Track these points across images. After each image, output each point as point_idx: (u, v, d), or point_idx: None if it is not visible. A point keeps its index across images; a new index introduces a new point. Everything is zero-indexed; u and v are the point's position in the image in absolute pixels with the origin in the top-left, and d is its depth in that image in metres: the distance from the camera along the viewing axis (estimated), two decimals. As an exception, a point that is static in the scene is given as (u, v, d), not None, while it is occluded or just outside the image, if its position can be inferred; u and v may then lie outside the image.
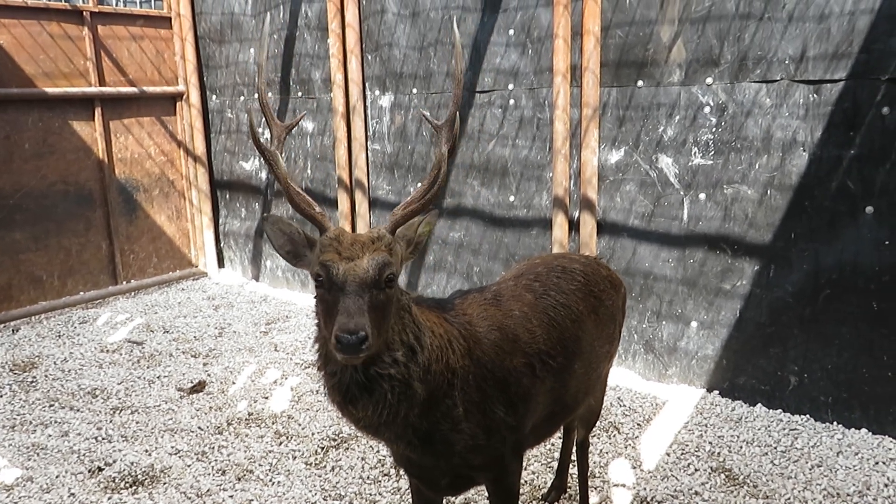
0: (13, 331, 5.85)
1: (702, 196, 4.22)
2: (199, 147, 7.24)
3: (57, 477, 3.60)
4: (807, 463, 3.57)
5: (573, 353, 2.48)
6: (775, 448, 3.73)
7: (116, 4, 6.79)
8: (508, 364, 2.24)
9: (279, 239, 2.09)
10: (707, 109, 4.13)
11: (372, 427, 2.04)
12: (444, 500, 3.03)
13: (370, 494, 3.40)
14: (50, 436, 4.04)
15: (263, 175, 6.98)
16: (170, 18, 7.01)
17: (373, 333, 1.80)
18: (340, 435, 3.97)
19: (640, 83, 4.36)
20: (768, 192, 3.98)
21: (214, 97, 7.30)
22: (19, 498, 3.42)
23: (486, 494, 2.43)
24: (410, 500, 3.31)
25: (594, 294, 2.66)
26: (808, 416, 4.01)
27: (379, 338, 1.87)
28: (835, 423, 3.93)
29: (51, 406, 4.43)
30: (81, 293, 6.54)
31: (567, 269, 2.68)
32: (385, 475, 3.57)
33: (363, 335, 1.76)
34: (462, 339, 2.16)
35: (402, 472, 3.57)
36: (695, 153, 4.21)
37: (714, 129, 4.12)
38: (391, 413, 1.97)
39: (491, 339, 2.24)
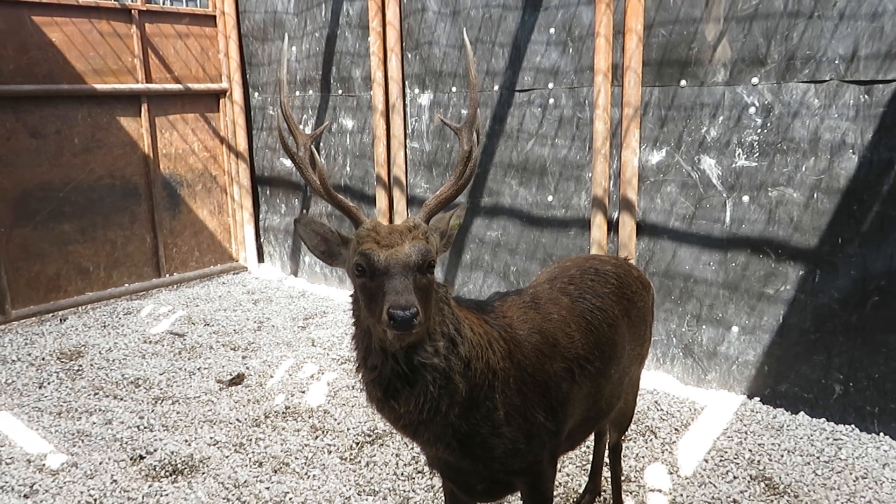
0: (61, 320, 6.02)
1: (745, 198, 4.14)
2: (242, 143, 7.35)
3: (100, 463, 3.70)
4: (851, 474, 3.48)
5: (610, 357, 2.46)
6: (818, 458, 3.64)
7: (163, 3, 6.93)
8: (549, 368, 2.22)
9: (313, 239, 2.10)
10: (752, 110, 4.04)
11: (412, 425, 2.02)
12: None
13: (404, 491, 3.42)
14: (94, 423, 4.15)
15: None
16: (214, 16, 7.13)
17: (422, 312, 1.81)
18: (375, 431, 3.99)
19: (682, 83, 4.28)
20: (815, 195, 3.88)
21: (257, 94, 7.40)
22: (64, 483, 3.53)
23: (521, 498, 2.42)
24: (443, 499, 3.32)
25: (627, 297, 2.63)
26: (853, 425, 3.90)
27: (426, 320, 1.88)
28: (881, 433, 3.81)
29: (95, 394, 4.56)
30: (126, 285, 6.70)
31: (600, 272, 2.65)
32: (419, 472, 3.59)
33: (415, 310, 1.76)
34: (502, 342, 2.14)
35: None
36: (739, 154, 4.13)
37: (759, 130, 4.03)
38: (432, 408, 1.95)
39: (532, 342, 2.22)
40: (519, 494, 2.44)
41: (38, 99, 5.98)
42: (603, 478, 3.35)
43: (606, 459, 3.21)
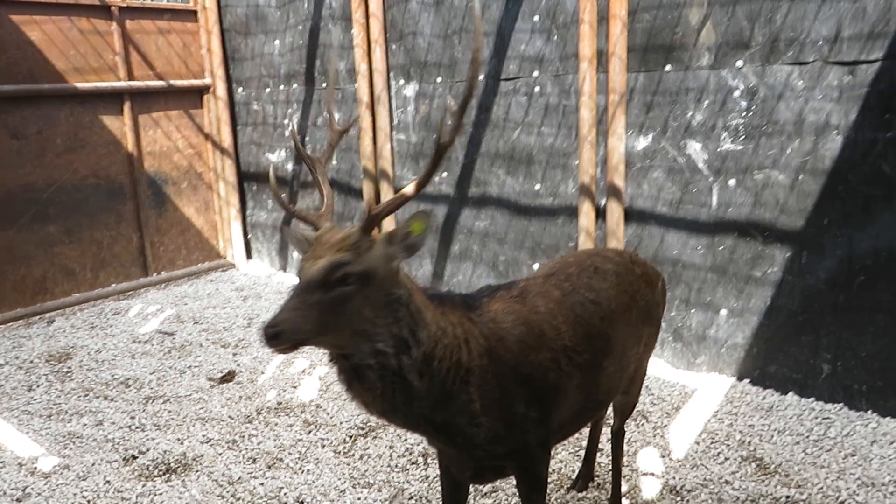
0: (48, 322, 5.98)
1: (731, 182, 4.15)
2: (226, 139, 7.30)
3: (93, 465, 3.68)
4: (840, 452, 3.51)
5: (601, 350, 2.47)
6: (807, 437, 3.67)
7: (143, -1, 6.87)
8: (534, 359, 2.26)
9: (299, 245, 2.17)
10: (737, 93, 4.05)
11: (378, 412, 2.10)
12: (472, 489, 3.04)
13: (398, 482, 3.42)
14: (85, 425, 4.13)
15: (290, 166, 7.03)
16: (195, 12, 7.06)
17: (311, 329, 1.89)
18: (368, 424, 3.99)
19: (667, 68, 4.29)
20: (800, 177, 3.90)
21: (241, 89, 7.35)
22: (57, 485, 3.51)
23: (514, 482, 2.45)
24: (439, 488, 3.33)
25: (627, 293, 2.63)
26: (841, 404, 3.94)
27: (323, 333, 1.93)
28: (869, 411, 3.85)
29: (85, 396, 4.53)
30: (113, 285, 6.66)
31: (600, 269, 2.65)
32: (413, 464, 3.59)
33: (275, 331, 1.85)
34: (482, 338, 2.18)
35: (429, 460, 3.59)
36: (724, 138, 4.14)
37: (744, 114, 4.04)
38: (387, 401, 2.03)
39: (515, 334, 2.25)
40: (516, 480, 2.46)
41: (18, 99, 5.91)
42: (596, 463, 3.37)
43: (602, 446, 3.23)
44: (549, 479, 3.37)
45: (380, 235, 2.07)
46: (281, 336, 1.86)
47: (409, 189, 2.12)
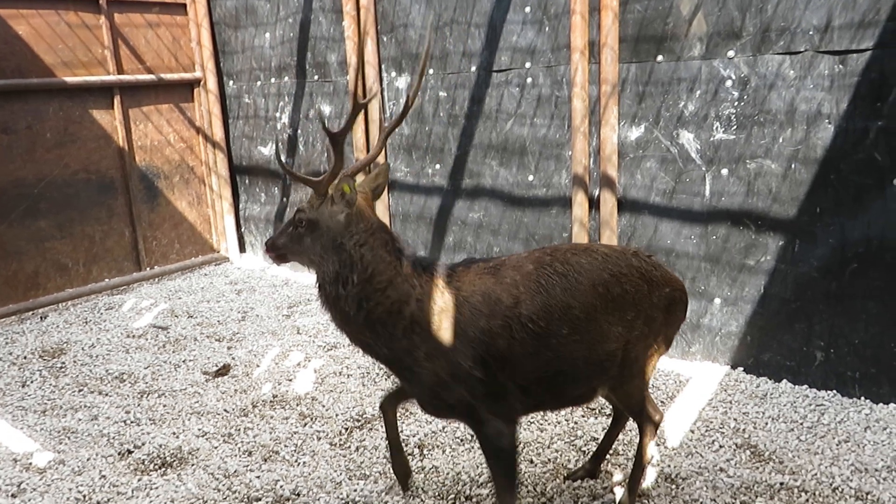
0: (41, 318, 5.95)
1: (724, 171, 4.16)
2: (218, 133, 7.27)
3: (88, 460, 3.67)
4: (834, 438, 3.54)
5: (560, 319, 2.60)
6: (801, 424, 3.70)
7: (132, -8, 6.80)
8: (484, 325, 2.57)
9: None
10: (729, 83, 4.06)
11: (336, 326, 2.73)
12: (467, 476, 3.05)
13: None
14: (80, 420, 4.12)
15: (282, 159, 6.99)
16: (185, 5, 7.01)
17: (282, 245, 2.79)
18: (364, 416, 4.00)
19: (659, 58, 4.29)
20: (792, 165, 3.92)
21: (231, 83, 7.31)
22: (52, 480, 3.50)
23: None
24: (436, 480, 3.34)
25: (611, 273, 2.69)
26: (834, 391, 3.97)
27: (292, 252, 2.80)
28: (862, 398, 3.88)
29: (80, 391, 4.52)
30: (106, 280, 6.63)
31: (589, 249, 2.77)
32: (409, 455, 3.60)
33: (268, 244, 2.82)
34: (439, 301, 2.60)
35: (425, 451, 3.60)
36: (717, 128, 4.15)
37: (736, 103, 4.05)
38: (333, 319, 2.70)
39: (471, 302, 2.60)
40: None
41: (6, 94, 5.85)
42: (602, 465, 3.37)
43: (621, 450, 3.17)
44: (545, 469, 3.39)
45: (320, 197, 2.71)
46: (270, 247, 2.81)
47: (349, 168, 2.76)
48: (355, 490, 3.30)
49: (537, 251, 2.78)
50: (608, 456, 3.44)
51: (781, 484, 3.17)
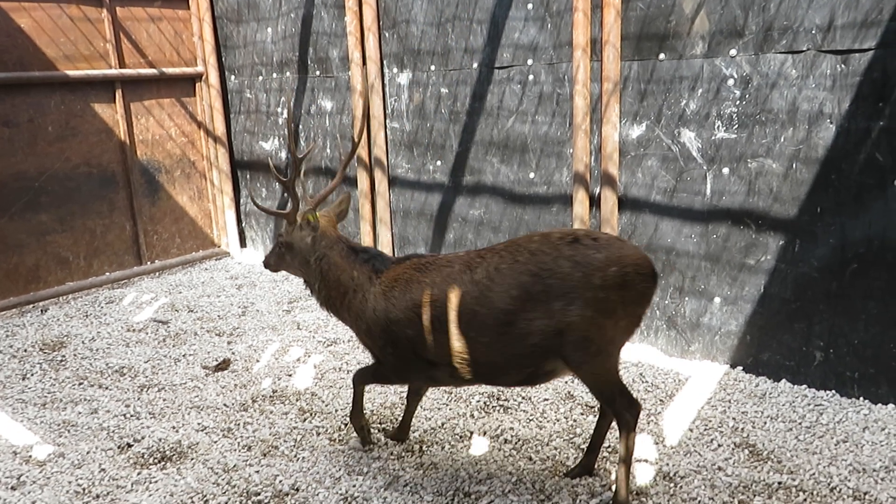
0: (42, 311, 5.96)
1: (725, 170, 4.16)
2: (219, 128, 7.26)
3: (88, 453, 3.68)
4: (832, 438, 3.55)
5: (467, 323, 2.91)
6: (800, 424, 3.71)
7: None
8: (393, 316, 3.12)
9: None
10: (731, 82, 4.05)
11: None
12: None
13: (393, 469, 3.44)
14: (80, 413, 4.13)
15: (283, 155, 7.00)
16: (187, -1, 7.01)
17: (273, 263, 3.64)
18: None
19: (661, 56, 4.28)
20: (794, 165, 3.91)
21: (233, 77, 7.31)
22: (52, 473, 3.51)
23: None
24: (435, 476, 3.35)
25: (532, 273, 2.82)
26: (833, 391, 3.97)
27: (281, 268, 3.63)
28: (861, 398, 3.89)
29: (80, 384, 4.52)
30: (107, 273, 6.64)
31: (524, 246, 2.92)
32: (408, 451, 3.61)
33: (263, 262, 3.72)
34: (370, 294, 3.23)
35: (424, 448, 3.61)
36: (718, 127, 4.15)
37: (738, 102, 4.05)
38: (319, 302, 3.51)
39: (389, 295, 3.16)
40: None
41: (8, 87, 5.85)
42: (600, 462, 3.38)
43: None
44: (544, 466, 3.41)
45: (290, 225, 3.48)
46: (265, 265, 3.70)
47: (315, 197, 3.53)
48: (354, 486, 3.30)
49: (474, 252, 3.07)
50: (608, 454, 3.44)
51: (779, 483, 3.18)
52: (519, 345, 2.89)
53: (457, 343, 2.98)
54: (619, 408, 2.97)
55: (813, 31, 3.72)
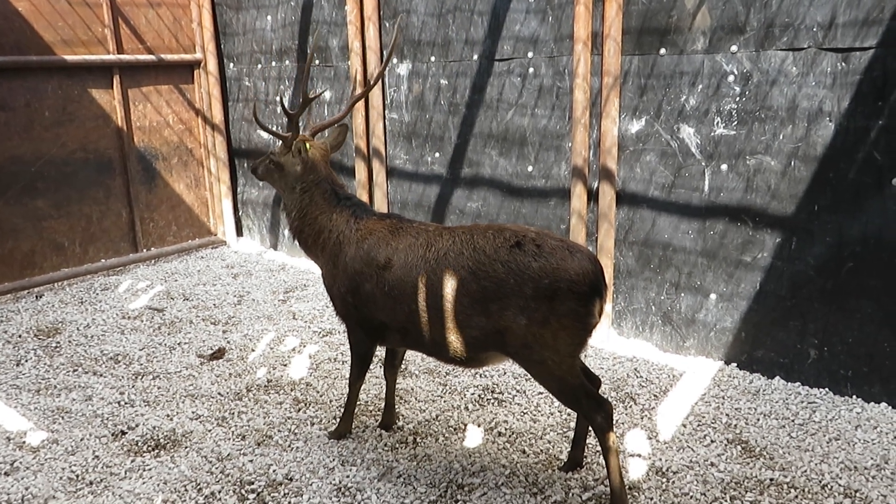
0: (37, 297, 5.95)
1: (724, 167, 4.16)
2: (217, 115, 7.23)
3: (81, 440, 3.68)
4: (824, 436, 3.56)
5: (411, 296, 3.05)
6: (793, 421, 3.72)
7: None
8: (356, 267, 3.27)
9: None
10: (731, 78, 4.04)
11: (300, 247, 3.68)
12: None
13: (387, 461, 3.44)
14: (74, 400, 4.12)
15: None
16: (187, -15, 6.96)
17: (261, 172, 3.76)
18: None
19: (662, 51, 4.27)
20: (792, 163, 3.91)
21: (232, 65, 7.27)
22: (45, 459, 3.51)
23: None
24: (428, 467, 3.35)
25: (470, 270, 2.88)
26: (826, 389, 3.99)
27: (265, 180, 3.76)
28: (854, 396, 3.90)
29: (74, 371, 4.52)
30: (103, 260, 6.62)
31: (472, 240, 2.96)
32: (402, 442, 3.61)
33: (251, 166, 3.85)
34: (346, 241, 3.35)
35: (418, 439, 3.62)
36: (717, 123, 4.14)
37: (738, 99, 4.04)
38: (294, 237, 3.65)
39: (359, 246, 3.29)
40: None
41: (5, 71, 5.81)
42: (588, 455, 3.39)
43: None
44: (538, 459, 3.42)
45: (285, 147, 3.62)
46: (252, 170, 3.81)
47: (316, 124, 3.81)
48: (348, 476, 3.31)
49: (443, 228, 3.17)
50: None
51: (771, 480, 3.19)
52: (458, 331, 2.98)
53: (403, 310, 3.11)
54: (588, 410, 2.88)
55: (814, 29, 3.71)
